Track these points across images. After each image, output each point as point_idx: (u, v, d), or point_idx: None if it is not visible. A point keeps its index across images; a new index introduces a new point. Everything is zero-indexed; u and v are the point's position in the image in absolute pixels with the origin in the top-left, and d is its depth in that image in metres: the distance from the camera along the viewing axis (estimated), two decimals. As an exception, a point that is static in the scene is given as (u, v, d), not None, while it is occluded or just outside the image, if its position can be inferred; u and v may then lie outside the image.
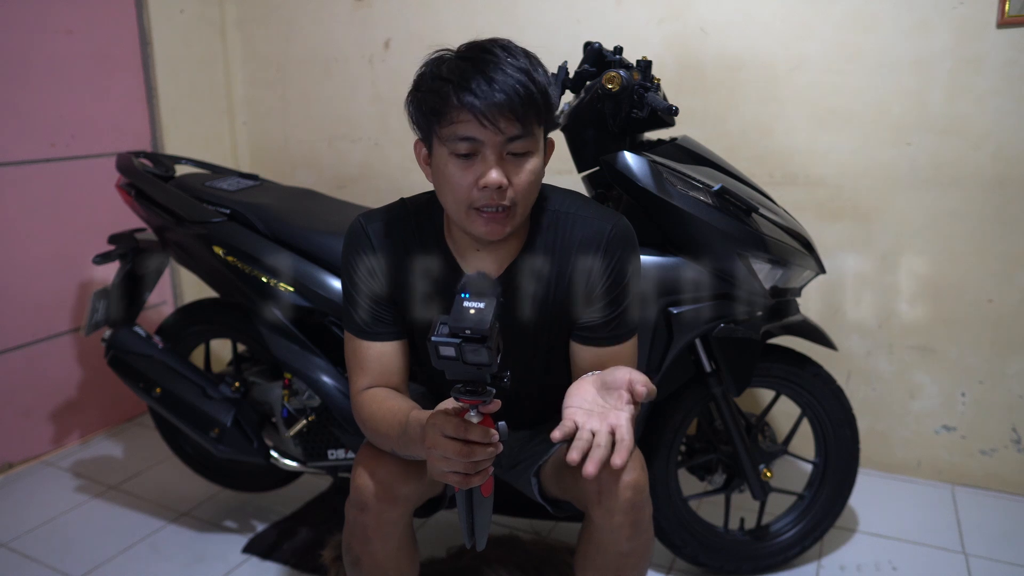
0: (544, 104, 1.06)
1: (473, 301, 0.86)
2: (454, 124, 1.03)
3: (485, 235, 1.08)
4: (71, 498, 2.12)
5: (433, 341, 0.85)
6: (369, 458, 1.19)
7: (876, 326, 2.10)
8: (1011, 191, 1.90)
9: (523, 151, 1.06)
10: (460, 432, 0.92)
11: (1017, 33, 1.81)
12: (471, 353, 0.84)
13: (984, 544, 1.83)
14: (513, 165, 1.05)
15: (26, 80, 2.22)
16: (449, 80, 1.03)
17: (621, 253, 1.17)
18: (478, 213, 1.06)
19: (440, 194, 1.12)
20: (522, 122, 1.03)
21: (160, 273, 2.03)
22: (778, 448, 1.72)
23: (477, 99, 1.00)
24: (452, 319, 0.85)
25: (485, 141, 1.03)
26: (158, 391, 1.77)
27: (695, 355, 1.60)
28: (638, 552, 1.19)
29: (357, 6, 2.53)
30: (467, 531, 1.03)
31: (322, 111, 2.69)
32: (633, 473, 1.14)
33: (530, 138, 1.05)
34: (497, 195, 1.04)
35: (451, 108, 1.02)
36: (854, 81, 1.98)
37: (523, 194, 1.07)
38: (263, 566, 1.80)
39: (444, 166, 1.07)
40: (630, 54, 1.59)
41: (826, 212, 2.08)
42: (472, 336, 0.84)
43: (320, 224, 1.69)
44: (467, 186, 1.05)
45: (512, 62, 1.04)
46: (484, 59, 1.04)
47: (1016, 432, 2.02)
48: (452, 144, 1.04)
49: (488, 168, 1.03)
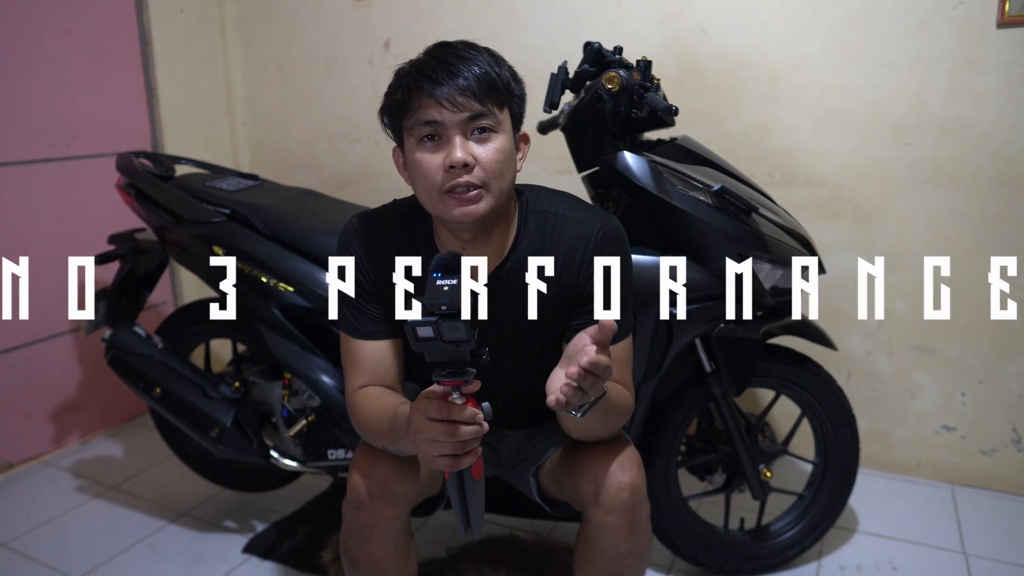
0: (505, 88, 1.09)
1: (446, 279, 0.87)
2: (417, 111, 1.06)
3: (461, 218, 1.08)
4: (71, 498, 2.12)
5: (410, 323, 0.85)
6: (366, 457, 1.19)
7: (876, 326, 2.10)
8: (1011, 191, 1.90)
9: (486, 128, 1.07)
10: (444, 413, 0.92)
11: (1017, 33, 1.81)
12: (449, 330, 0.85)
13: (984, 544, 1.83)
14: (478, 144, 1.08)
15: (26, 80, 2.22)
16: (410, 74, 1.08)
17: (610, 253, 1.17)
18: (450, 196, 1.07)
19: (417, 191, 1.13)
20: (480, 101, 1.05)
21: (160, 273, 2.03)
22: (778, 448, 1.72)
23: (434, 84, 1.04)
24: (427, 298, 0.86)
25: (446, 123, 1.05)
26: (158, 391, 1.77)
27: (695, 355, 1.60)
28: (635, 553, 1.19)
29: (357, 6, 2.53)
30: (462, 520, 1.03)
31: (322, 111, 2.70)
32: (630, 474, 1.14)
33: (492, 117, 1.08)
34: (465, 173, 1.06)
35: (413, 98, 1.06)
36: (854, 81, 1.98)
37: (492, 172, 1.08)
38: (263, 566, 1.80)
39: (413, 157, 1.09)
40: (630, 54, 1.59)
41: (826, 212, 2.08)
42: (448, 312, 0.84)
43: (320, 224, 1.69)
44: (436, 169, 1.07)
45: (471, 53, 1.08)
46: (443, 51, 1.09)
47: (1016, 432, 2.02)
48: (418, 131, 1.07)
49: (453, 148, 1.06)
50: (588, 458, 1.17)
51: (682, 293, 1.48)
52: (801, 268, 1.57)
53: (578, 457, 1.19)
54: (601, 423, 1.13)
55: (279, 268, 1.64)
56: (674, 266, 1.48)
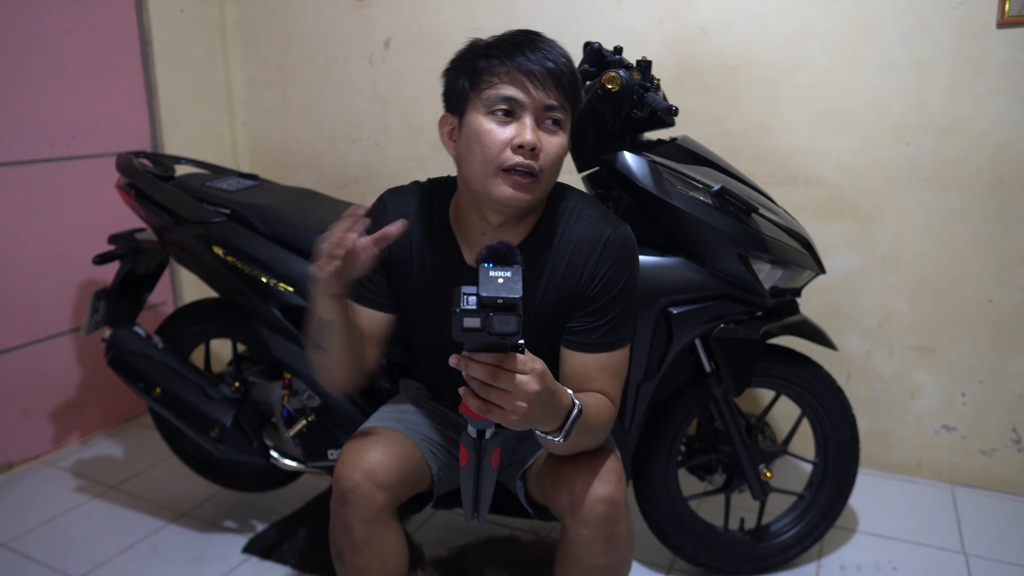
0: (578, 95, 1.12)
1: (499, 270, 0.83)
2: (498, 86, 1.06)
3: (510, 199, 1.08)
4: (71, 498, 2.12)
5: (460, 312, 0.82)
6: (352, 452, 1.19)
7: (876, 326, 2.10)
8: (1011, 191, 1.90)
9: (558, 121, 1.09)
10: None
11: (1017, 33, 1.81)
12: (500, 323, 0.82)
13: (984, 544, 1.83)
14: (547, 134, 1.09)
15: (26, 80, 2.22)
16: (499, 48, 1.08)
17: (616, 259, 1.16)
18: (507, 175, 1.08)
19: (467, 162, 1.12)
20: (563, 94, 1.07)
21: (160, 273, 2.03)
22: (778, 448, 1.72)
23: (529, 62, 1.06)
24: (482, 288, 0.82)
25: (527, 104, 1.06)
26: (158, 391, 1.77)
27: (695, 355, 1.60)
28: (613, 566, 1.18)
29: (357, 6, 2.54)
30: (471, 508, 1.02)
31: (322, 111, 2.70)
32: (607, 487, 1.12)
33: (564, 112, 1.10)
34: (530, 156, 1.06)
35: (499, 71, 1.07)
36: (854, 81, 1.98)
37: (549, 164, 1.09)
38: (263, 566, 1.80)
39: (479, 126, 1.08)
40: (630, 54, 1.59)
41: (826, 212, 2.08)
42: (503, 305, 0.81)
43: (320, 224, 1.69)
44: (501, 144, 1.07)
45: (556, 46, 1.10)
46: (536, 36, 1.10)
47: (1016, 432, 2.02)
48: (493, 104, 1.07)
49: (525, 129, 1.06)
50: (567, 468, 1.16)
51: (682, 293, 1.49)
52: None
53: (558, 466, 1.18)
54: (576, 441, 1.07)
55: (279, 268, 1.64)
56: (674, 266, 1.48)
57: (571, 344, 1.19)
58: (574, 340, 1.19)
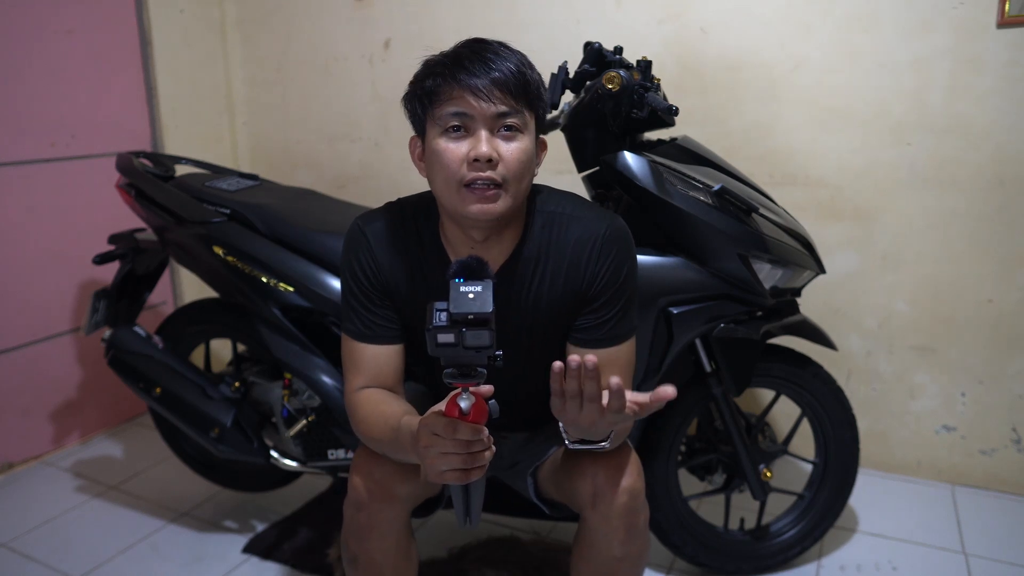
0: (536, 93, 1.09)
1: (470, 285, 0.84)
2: (447, 102, 1.05)
3: (477, 215, 1.07)
4: (71, 498, 2.12)
5: (432, 329, 0.83)
6: (366, 458, 1.19)
7: (876, 326, 2.10)
8: (1011, 191, 1.90)
9: (513, 127, 1.07)
10: (450, 432, 0.91)
11: (1017, 33, 1.81)
12: (473, 337, 0.83)
13: (984, 544, 1.83)
14: (504, 142, 1.07)
15: (26, 80, 2.22)
16: (444, 64, 1.07)
17: (616, 254, 1.16)
18: (469, 191, 1.06)
19: (433, 183, 1.12)
20: (512, 97, 1.05)
21: (160, 273, 2.03)
22: (778, 448, 1.72)
23: (471, 75, 1.04)
24: (452, 305, 0.83)
25: (476, 116, 1.05)
26: (158, 391, 1.77)
27: (695, 355, 1.60)
28: (632, 557, 1.19)
29: (357, 6, 2.53)
30: (463, 515, 1.03)
31: (322, 111, 2.69)
32: (629, 478, 1.14)
33: (520, 117, 1.07)
34: (488, 168, 1.05)
35: (445, 87, 1.05)
36: (854, 81, 1.98)
37: (513, 172, 1.07)
38: (263, 566, 1.80)
39: (436, 146, 1.08)
40: (630, 54, 1.59)
41: (826, 212, 2.08)
42: (474, 321, 0.82)
43: (320, 224, 1.69)
44: (458, 160, 1.06)
45: (506, 51, 1.08)
46: (479, 46, 1.08)
47: (1016, 432, 2.02)
48: (444, 121, 1.06)
49: (479, 141, 1.05)
50: (588, 461, 1.17)
51: (682, 293, 1.49)
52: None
53: (578, 459, 1.19)
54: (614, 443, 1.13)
55: (279, 268, 1.64)
56: (674, 266, 1.48)
57: (579, 341, 1.20)
58: (582, 337, 1.19)
